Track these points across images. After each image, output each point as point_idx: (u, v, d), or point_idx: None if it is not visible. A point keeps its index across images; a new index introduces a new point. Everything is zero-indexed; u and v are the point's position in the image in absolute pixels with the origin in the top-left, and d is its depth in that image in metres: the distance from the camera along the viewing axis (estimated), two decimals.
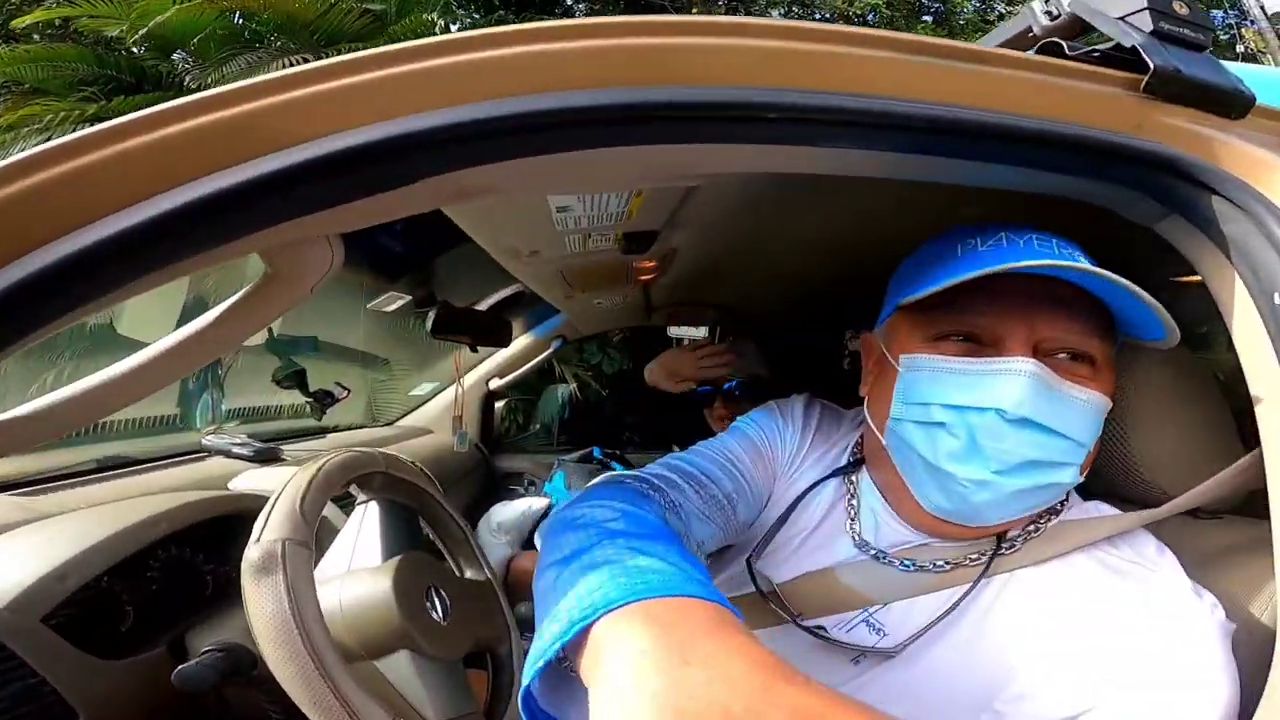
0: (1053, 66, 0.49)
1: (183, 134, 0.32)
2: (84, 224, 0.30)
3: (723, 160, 0.46)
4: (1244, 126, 0.52)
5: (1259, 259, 0.43)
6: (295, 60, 3.75)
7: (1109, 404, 0.53)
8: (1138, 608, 0.49)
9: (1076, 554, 0.54)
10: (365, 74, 0.35)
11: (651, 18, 0.40)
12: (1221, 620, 0.47)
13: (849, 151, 0.44)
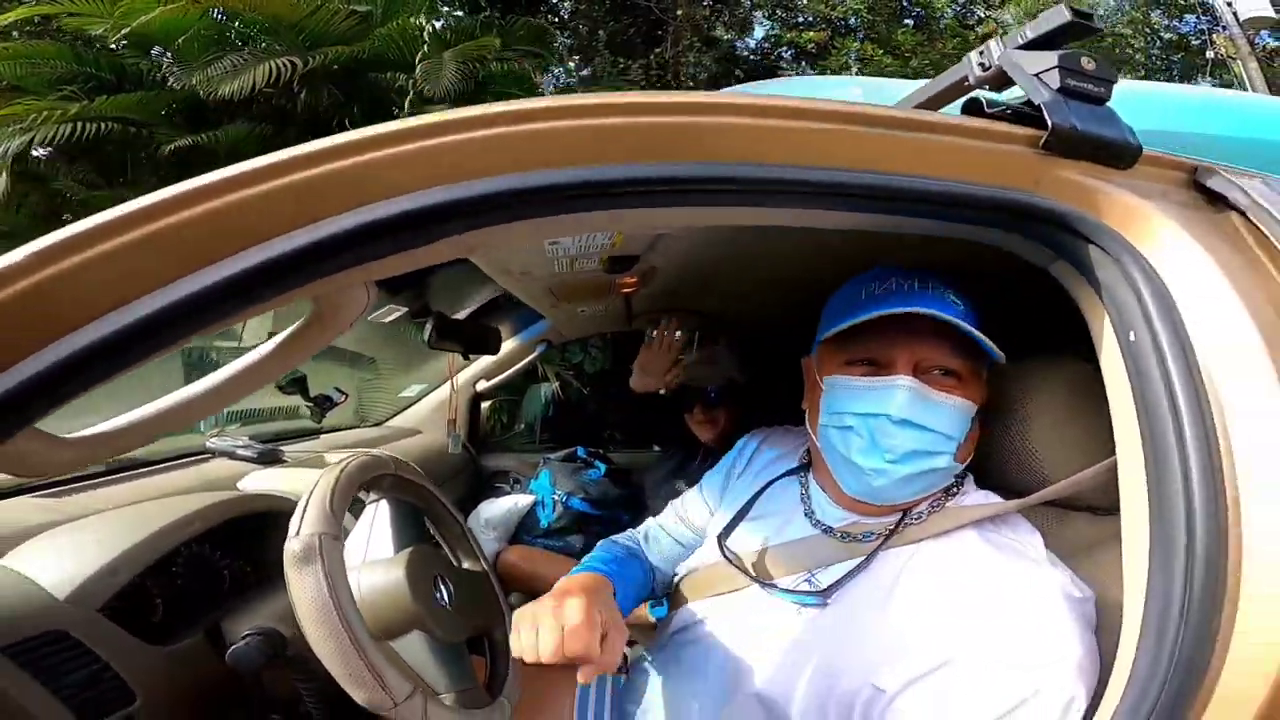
0: (965, 129, 0.58)
1: (251, 199, 0.40)
2: (174, 279, 0.38)
3: (688, 218, 0.55)
4: (1131, 175, 0.61)
5: (1122, 301, 0.53)
6: (283, 63, 3.77)
7: (974, 406, 0.71)
8: (1008, 578, 0.63)
9: (969, 530, 0.69)
10: (419, 141, 0.43)
11: (625, 101, 0.48)
12: (1078, 597, 0.61)
13: (791, 210, 0.53)
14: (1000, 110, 0.63)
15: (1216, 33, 13.00)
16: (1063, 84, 0.60)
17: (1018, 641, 0.58)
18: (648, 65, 8.39)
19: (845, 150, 0.52)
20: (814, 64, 8.48)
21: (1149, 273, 0.53)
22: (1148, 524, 0.50)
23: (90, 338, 0.36)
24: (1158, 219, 0.56)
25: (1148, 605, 0.49)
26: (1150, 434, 0.50)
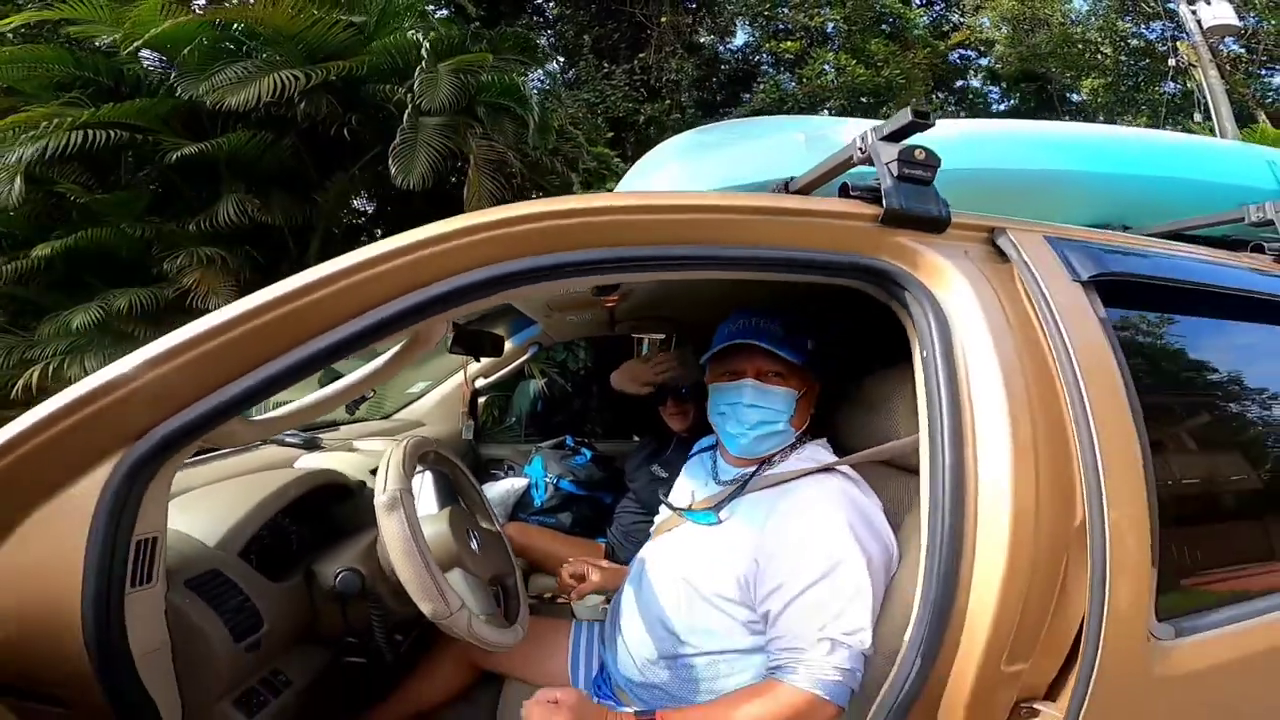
0: (827, 212, 0.86)
1: (387, 271, 0.67)
2: (336, 326, 0.65)
3: (642, 279, 0.83)
4: (944, 238, 0.89)
5: (921, 329, 0.81)
6: (287, 76, 3.98)
7: (796, 393, 1.10)
8: (829, 510, 0.96)
9: (813, 478, 1.03)
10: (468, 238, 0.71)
11: (600, 204, 0.76)
12: (876, 523, 0.96)
13: (707, 272, 0.81)
14: (862, 191, 0.91)
15: (1181, 40, 13.37)
16: (899, 172, 0.88)
17: (820, 544, 0.93)
18: (631, 70, 8.61)
19: (741, 234, 0.81)
20: (791, 70, 8.76)
21: (938, 311, 0.81)
22: (928, 478, 0.79)
23: (286, 363, 0.63)
24: (951, 272, 0.84)
25: (929, 531, 0.78)
26: (929, 418, 0.79)
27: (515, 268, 0.70)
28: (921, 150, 0.90)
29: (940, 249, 0.87)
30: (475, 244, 0.70)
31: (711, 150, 1.47)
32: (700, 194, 0.88)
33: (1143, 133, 1.89)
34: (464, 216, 0.72)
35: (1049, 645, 0.79)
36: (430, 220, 1.11)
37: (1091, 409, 0.73)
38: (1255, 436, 1.03)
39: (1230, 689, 0.89)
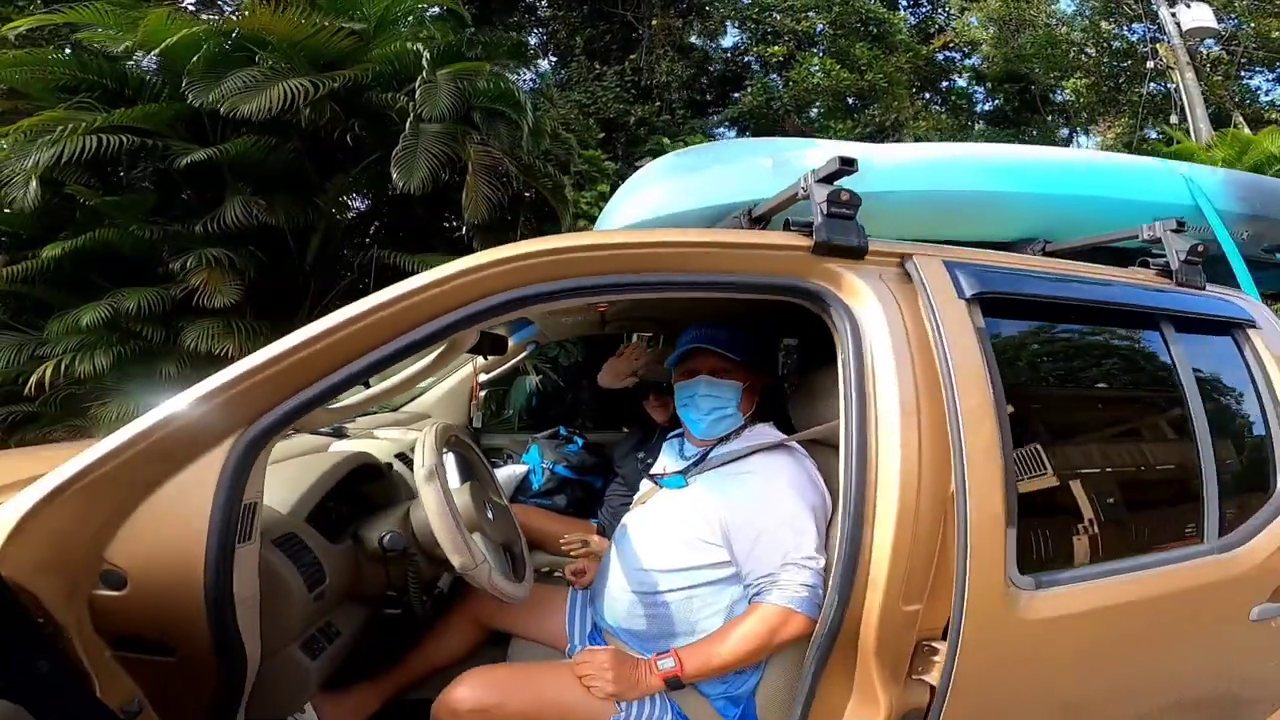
0: (770, 244, 1.09)
1: (438, 294, 0.90)
2: (395, 338, 0.87)
3: (622, 295, 1.06)
4: (863, 264, 1.12)
5: (842, 338, 1.05)
6: (295, 86, 4.15)
7: (741, 385, 1.38)
8: (775, 474, 1.22)
9: (762, 453, 1.27)
10: (501, 267, 0.94)
11: (595, 242, 0.98)
12: (815, 487, 1.20)
13: (672, 294, 1.04)
14: (797, 227, 1.14)
15: (1160, 42, 13.62)
16: (828, 210, 1.10)
17: (775, 497, 1.20)
18: (622, 71, 8.79)
19: (703, 263, 1.04)
20: (780, 71, 8.97)
21: (855, 323, 1.05)
22: (843, 456, 1.02)
23: (361, 365, 0.85)
24: (867, 292, 1.08)
25: (843, 499, 1.02)
26: (844, 408, 1.03)
27: (531, 291, 0.94)
28: (846, 192, 1.13)
29: (860, 273, 1.10)
30: (501, 273, 0.93)
31: (693, 173, 1.70)
32: (670, 230, 1.11)
33: (1069, 153, 2.10)
34: (491, 251, 0.94)
35: (936, 590, 1.02)
36: (423, 218, 1.35)
37: (960, 403, 0.97)
38: (1105, 426, 1.27)
39: (1080, 633, 1.11)
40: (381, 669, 1.50)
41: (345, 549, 1.24)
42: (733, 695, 1.26)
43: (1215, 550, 1.20)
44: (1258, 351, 1.35)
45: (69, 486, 0.83)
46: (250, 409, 0.87)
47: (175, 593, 0.88)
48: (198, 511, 0.86)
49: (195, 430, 0.86)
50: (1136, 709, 1.25)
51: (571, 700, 1.20)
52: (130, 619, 0.90)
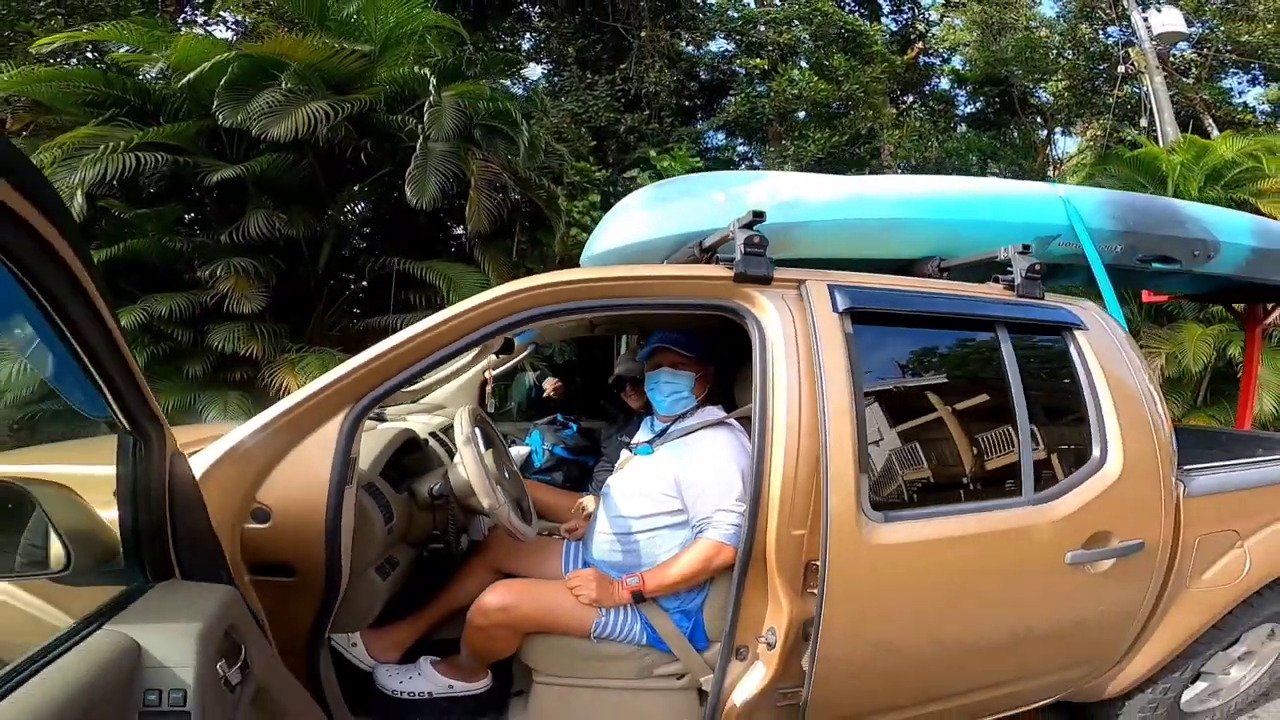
0: (700, 276, 1.55)
1: (480, 313, 1.35)
2: (445, 347, 1.33)
3: (607, 316, 1.51)
4: (771, 288, 1.57)
5: (754, 342, 1.51)
6: (317, 110, 4.58)
7: (693, 375, 1.85)
8: (715, 446, 1.69)
9: (708, 429, 1.72)
10: (521, 294, 1.39)
11: (601, 276, 1.44)
12: (740, 448, 1.65)
13: (643, 311, 1.49)
14: (724, 261, 1.59)
15: (1134, 45, 14.02)
16: (745, 249, 1.55)
17: (715, 461, 1.64)
18: (613, 81, 9.19)
19: (659, 290, 1.50)
20: (763, 81, 9.40)
21: (762, 331, 1.50)
22: (755, 427, 1.48)
23: (431, 360, 1.31)
24: (771, 309, 1.53)
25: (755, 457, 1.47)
26: (756, 392, 1.48)
27: (541, 311, 1.40)
28: (758, 235, 1.56)
29: (767, 294, 1.55)
30: (527, 297, 1.40)
31: (664, 204, 2.13)
32: (638, 267, 1.57)
33: (966, 183, 2.44)
34: (520, 281, 1.41)
35: (815, 527, 1.44)
36: (425, 226, 1.80)
37: (827, 387, 1.43)
38: (943, 405, 1.72)
39: (920, 555, 1.50)
40: (416, 608, 1.94)
41: (403, 498, 1.70)
42: (685, 610, 1.70)
43: (1031, 502, 1.61)
44: (1082, 349, 1.79)
45: (240, 447, 1.28)
46: (357, 392, 1.32)
47: (304, 523, 1.31)
48: (322, 463, 1.30)
49: (321, 407, 1.31)
50: (971, 625, 1.62)
51: (567, 606, 1.66)
52: (268, 547, 1.31)
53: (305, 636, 1.38)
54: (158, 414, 0.85)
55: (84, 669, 0.72)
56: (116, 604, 0.86)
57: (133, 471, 0.88)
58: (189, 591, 0.95)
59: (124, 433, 0.84)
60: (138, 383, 0.79)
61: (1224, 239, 2.39)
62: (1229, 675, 2.18)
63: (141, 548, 0.93)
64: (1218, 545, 1.88)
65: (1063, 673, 1.86)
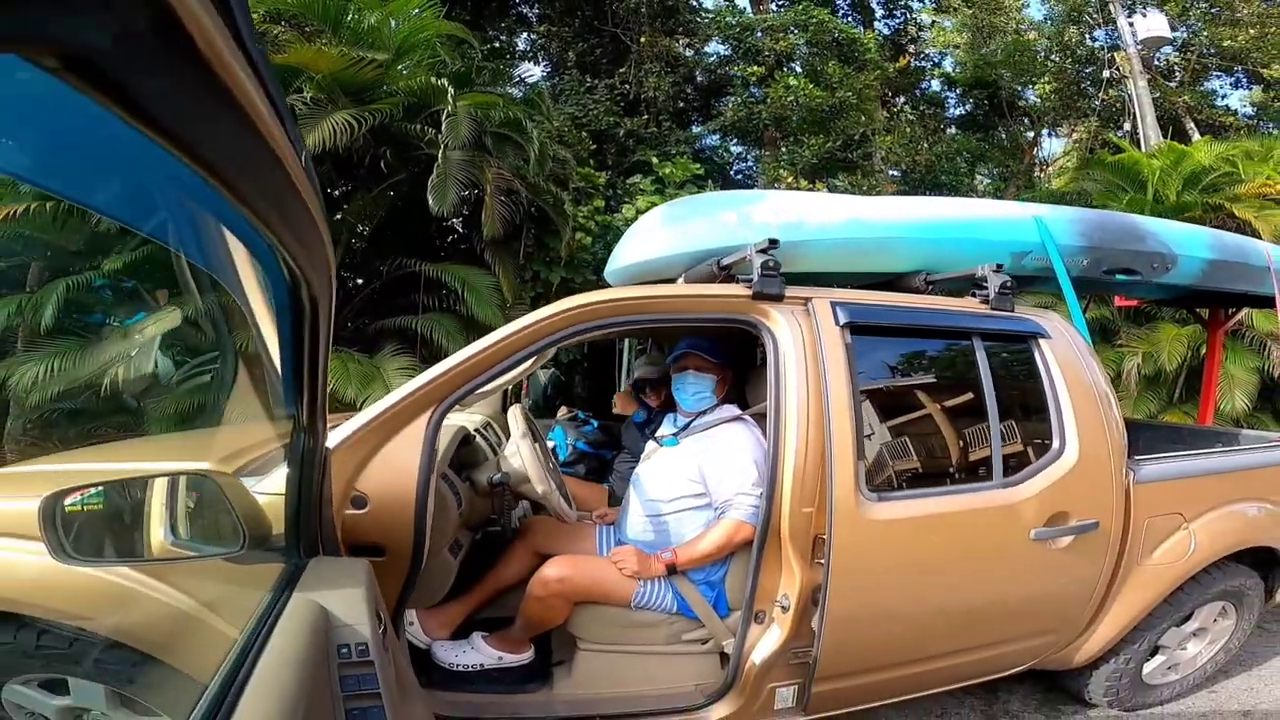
0: (720, 294, 1.82)
1: (537, 329, 1.61)
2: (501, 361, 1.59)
3: (635, 331, 1.78)
4: (783, 304, 1.84)
5: (769, 350, 1.78)
6: (342, 121, 4.78)
7: (715, 378, 2.15)
8: (734, 438, 1.97)
9: (726, 423, 2.00)
10: (564, 313, 1.65)
11: (611, 299, 1.70)
12: (762, 447, 1.90)
13: (672, 324, 1.76)
14: (745, 280, 1.86)
15: (1120, 49, 14.35)
16: (762, 272, 1.82)
17: (735, 451, 1.92)
18: (612, 85, 9.41)
19: (685, 307, 1.77)
20: (760, 86, 9.64)
21: (775, 341, 1.78)
22: (770, 424, 1.75)
23: (500, 368, 1.57)
24: (783, 322, 1.80)
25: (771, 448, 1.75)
26: (771, 393, 1.75)
27: (596, 324, 1.68)
28: (773, 260, 1.83)
29: (780, 309, 1.82)
30: (576, 314, 1.66)
31: (680, 223, 2.39)
32: (670, 286, 1.85)
33: (949, 203, 2.69)
34: (569, 299, 1.68)
35: (821, 501, 1.72)
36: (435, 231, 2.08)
37: (830, 390, 1.70)
38: (927, 404, 2.00)
39: (909, 529, 1.78)
40: (463, 590, 2.18)
41: (466, 486, 1.96)
42: (710, 581, 1.97)
43: (1000, 486, 1.90)
44: (1045, 356, 2.07)
45: (344, 443, 1.53)
46: (440, 394, 1.58)
47: (396, 508, 1.55)
48: (412, 456, 1.55)
49: (411, 408, 1.56)
50: (952, 589, 1.90)
51: (612, 578, 1.92)
52: (364, 530, 1.54)
53: (391, 611, 1.63)
54: (325, 417, 1.10)
55: (302, 627, 0.92)
56: (292, 576, 1.10)
57: (301, 463, 1.12)
58: (340, 565, 1.19)
59: (300, 430, 1.09)
60: (320, 388, 1.03)
61: (1181, 252, 2.67)
62: (1185, 650, 2.44)
63: (300, 530, 1.18)
64: (1165, 527, 2.15)
65: (1034, 640, 2.12)
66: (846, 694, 1.89)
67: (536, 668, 2.03)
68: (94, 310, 6.05)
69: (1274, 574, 2.46)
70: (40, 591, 1.43)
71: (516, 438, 1.80)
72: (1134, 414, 6.03)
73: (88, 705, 1.54)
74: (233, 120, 0.44)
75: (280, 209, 0.61)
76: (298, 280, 0.78)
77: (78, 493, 1.16)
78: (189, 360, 4.29)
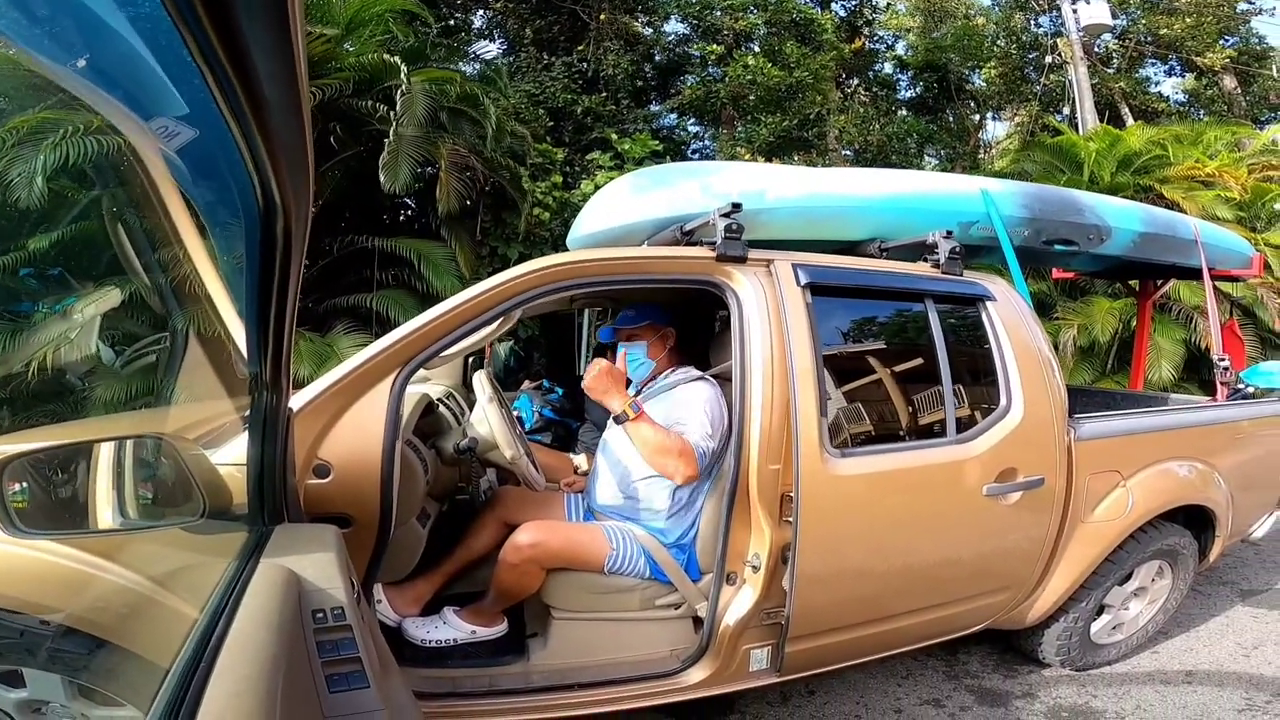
0: (690, 256, 1.84)
1: (499, 291, 1.60)
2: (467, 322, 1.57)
3: (597, 291, 1.78)
4: (746, 265, 1.87)
5: (732, 311, 1.81)
6: None
7: (645, 341, 2.18)
8: (692, 395, 1.98)
9: (684, 384, 2.02)
10: (532, 273, 1.64)
11: (579, 260, 1.70)
12: (719, 403, 1.97)
13: (634, 285, 1.77)
14: (706, 242, 1.88)
15: (1062, 36, 14.87)
16: (725, 234, 1.84)
17: (695, 405, 1.94)
18: (570, 63, 9.27)
19: (651, 268, 1.78)
20: (719, 66, 9.64)
21: (739, 302, 1.81)
22: (735, 384, 1.78)
23: (463, 331, 1.55)
24: (746, 283, 1.83)
25: (737, 406, 1.78)
26: (735, 354, 1.79)
27: (559, 285, 1.67)
28: (736, 223, 1.86)
29: (743, 271, 1.85)
30: (543, 275, 1.65)
31: (644, 193, 2.38)
32: (635, 249, 1.85)
33: (901, 175, 2.77)
34: (535, 261, 1.66)
35: (788, 458, 1.76)
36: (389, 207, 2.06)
37: (793, 348, 1.75)
38: (884, 363, 2.08)
39: (870, 483, 1.83)
40: (431, 564, 2.13)
41: (432, 454, 1.94)
42: (679, 544, 1.99)
43: (953, 442, 1.98)
44: (992, 317, 2.16)
45: (304, 409, 1.49)
46: (402, 358, 1.56)
47: (361, 476, 1.51)
48: (376, 421, 1.52)
49: (373, 372, 1.54)
50: (912, 544, 1.96)
51: (585, 540, 1.93)
52: (328, 500, 1.50)
53: (360, 584, 1.60)
54: (289, 374, 1.07)
55: (274, 592, 0.86)
56: (257, 543, 1.05)
57: (263, 425, 1.08)
58: (307, 531, 1.16)
59: (263, 389, 1.05)
60: (286, 341, 0.99)
61: (1115, 225, 2.82)
62: (1128, 610, 2.57)
63: (264, 496, 1.14)
64: (1104, 484, 2.26)
65: (990, 597, 2.20)
66: (818, 654, 1.95)
67: (510, 640, 2.02)
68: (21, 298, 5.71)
69: (1206, 534, 2.61)
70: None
71: (483, 402, 1.79)
72: (1071, 383, 6.35)
73: (46, 697, 1.46)
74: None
75: (282, 109, 0.56)
76: (274, 208, 0.71)
77: (24, 461, 1.10)
78: (134, 340, 4.09)
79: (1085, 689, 2.41)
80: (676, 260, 1.83)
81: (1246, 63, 15.46)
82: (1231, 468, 2.60)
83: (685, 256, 1.84)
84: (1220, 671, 2.53)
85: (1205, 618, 2.95)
